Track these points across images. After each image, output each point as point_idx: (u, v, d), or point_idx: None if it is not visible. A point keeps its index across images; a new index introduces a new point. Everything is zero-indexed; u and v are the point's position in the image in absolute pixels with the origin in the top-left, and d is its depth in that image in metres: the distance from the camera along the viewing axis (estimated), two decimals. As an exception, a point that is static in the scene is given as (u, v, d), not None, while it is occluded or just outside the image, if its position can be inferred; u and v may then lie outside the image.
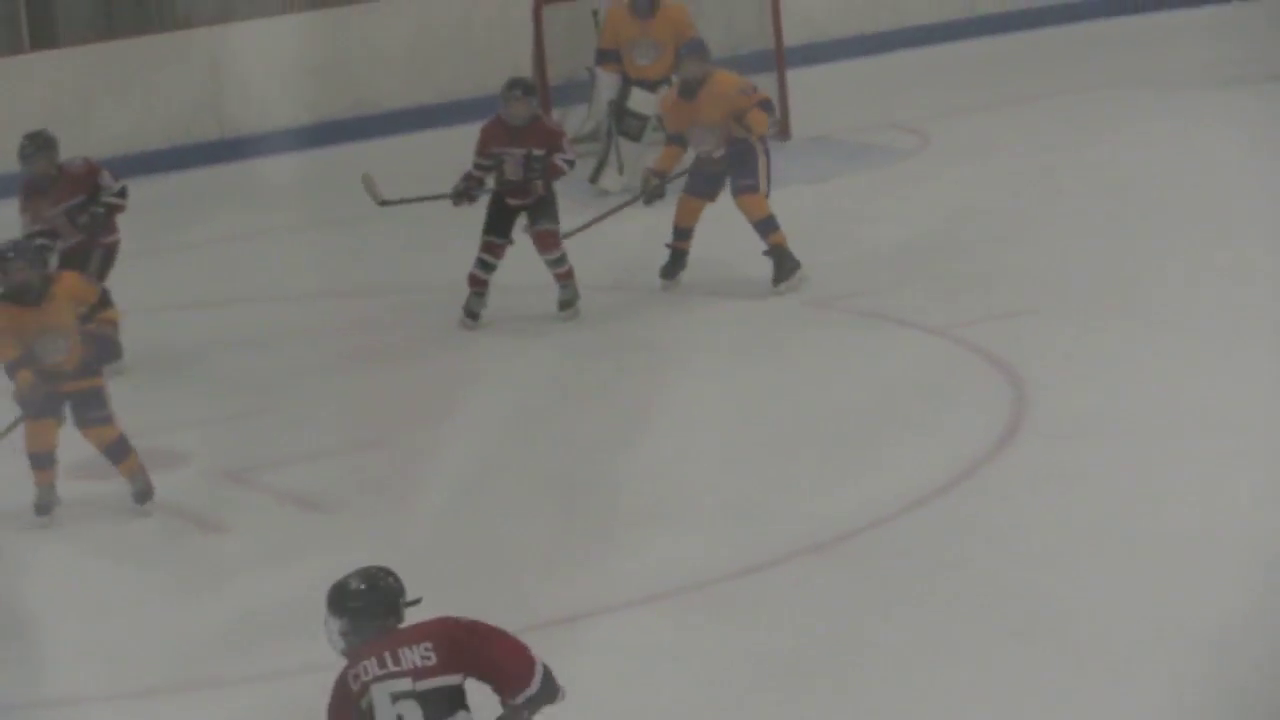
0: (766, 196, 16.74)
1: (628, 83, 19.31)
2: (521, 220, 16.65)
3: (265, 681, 11.19)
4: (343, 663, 8.40)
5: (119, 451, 13.13)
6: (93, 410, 13.15)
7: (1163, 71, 22.80)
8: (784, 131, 20.25)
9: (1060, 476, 12.67)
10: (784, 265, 16.51)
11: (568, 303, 16.55)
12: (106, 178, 16.59)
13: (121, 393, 14.42)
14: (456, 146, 18.51)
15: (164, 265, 19.17)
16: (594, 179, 19.31)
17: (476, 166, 16.57)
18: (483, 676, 8.29)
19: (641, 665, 11.02)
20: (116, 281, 16.12)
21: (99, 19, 23.22)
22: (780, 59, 20.81)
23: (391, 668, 8.26)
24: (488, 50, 22.43)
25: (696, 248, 17.09)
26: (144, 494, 13.15)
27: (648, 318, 16.72)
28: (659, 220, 17.53)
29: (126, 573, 12.98)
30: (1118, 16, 25.05)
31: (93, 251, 16.41)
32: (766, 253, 16.64)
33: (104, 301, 13.41)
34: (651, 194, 17.30)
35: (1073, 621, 10.83)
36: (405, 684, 8.33)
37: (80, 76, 21.91)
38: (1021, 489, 12.65)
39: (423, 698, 8.34)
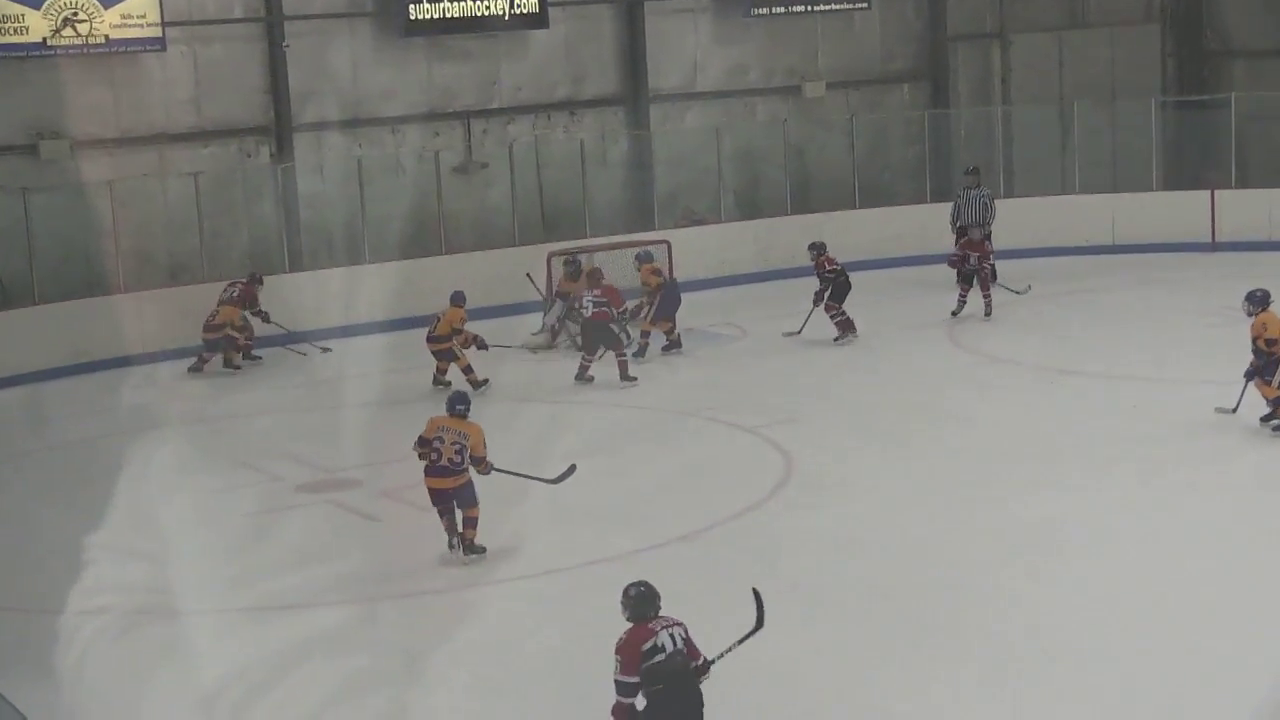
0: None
1: (566, 304, 20.12)
2: None
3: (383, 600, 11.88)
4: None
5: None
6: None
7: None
8: (672, 328, 20.04)
9: (812, 505, 13.56)
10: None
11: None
12: None
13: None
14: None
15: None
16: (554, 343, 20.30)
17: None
18: None
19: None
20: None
21: None
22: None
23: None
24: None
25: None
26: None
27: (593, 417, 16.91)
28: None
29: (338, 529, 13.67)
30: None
31: None
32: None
33: None
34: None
35: (838, 587, 11.35)
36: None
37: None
38: (791, 512, 13.48)
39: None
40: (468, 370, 18.05)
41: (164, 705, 10.01)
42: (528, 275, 21.16)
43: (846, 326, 19.67)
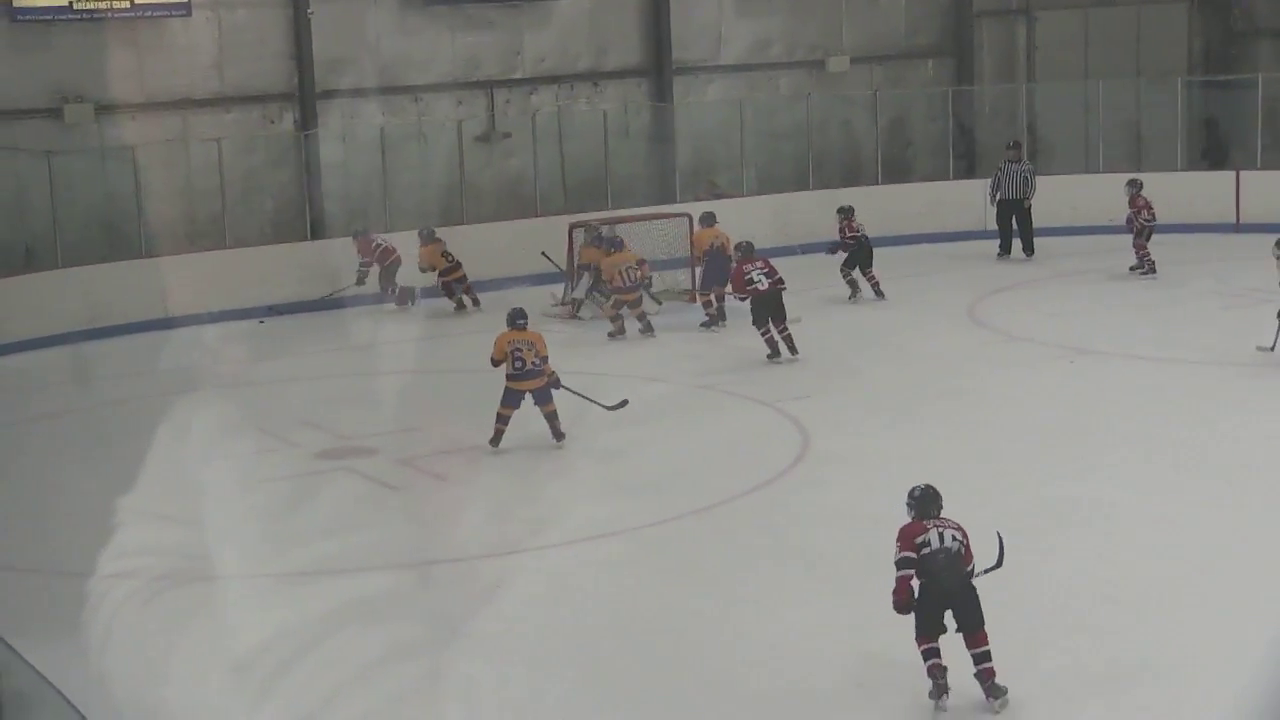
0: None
1: (598, 276, 20.08)
2: None
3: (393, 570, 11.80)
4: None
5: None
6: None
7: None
8: (693, 299, 20.68)
9: (827, 481, 13.51)
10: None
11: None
12: None
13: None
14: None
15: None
16: (576, 314, 20.45)
17: None
18: None
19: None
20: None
21: None
22: (693, 263, 21.01)
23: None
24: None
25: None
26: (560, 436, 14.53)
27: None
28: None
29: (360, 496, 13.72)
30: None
31: None
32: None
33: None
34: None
35: (853, 562, 11.05)
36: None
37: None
38: (806, 487, 13.47)
39: None
40: (642, 316, 19.20)
41: (187, 670, 10.09)
42: (543, 254, 21.22)
43: (854, 286, 20.73)
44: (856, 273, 20.94)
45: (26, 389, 18.34)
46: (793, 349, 17.68)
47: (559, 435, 14.47)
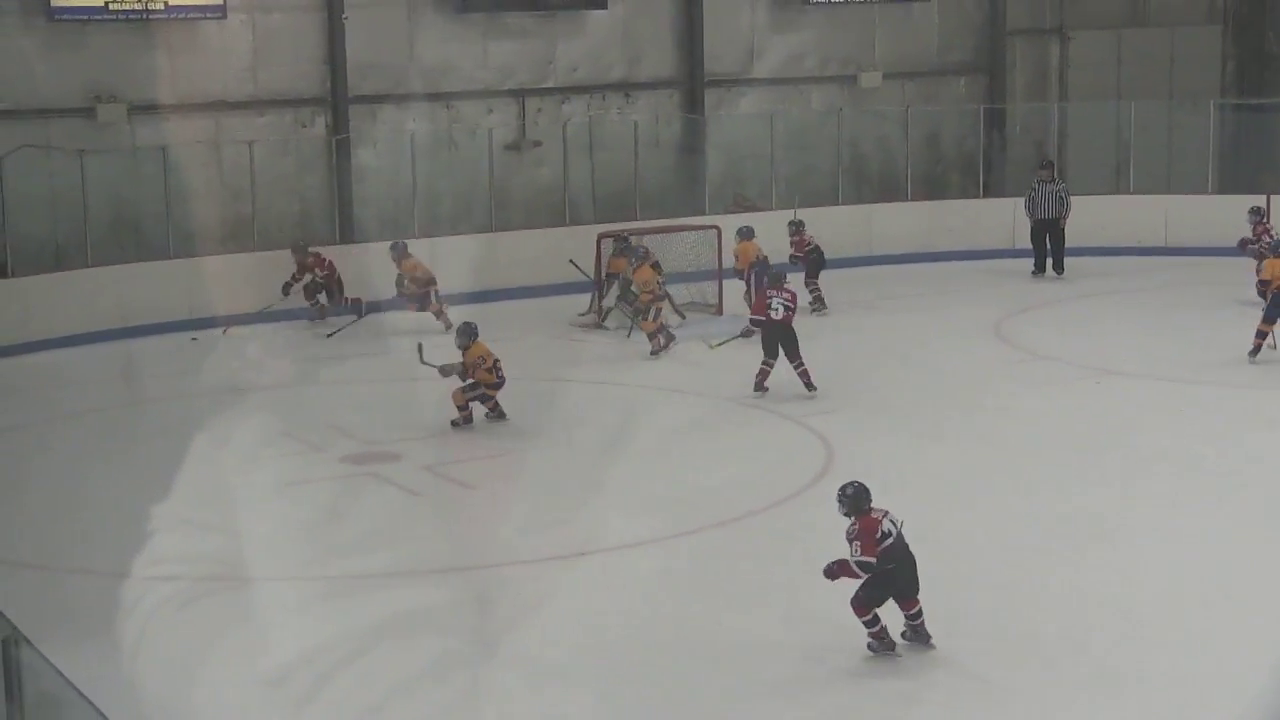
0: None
1: (626, 285, 20.13)
2: None
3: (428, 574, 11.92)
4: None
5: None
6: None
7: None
8: (719, 311, 21.08)
9: None
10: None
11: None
12: None
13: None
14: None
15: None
16: (603, 323, 20.47)
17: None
18: None
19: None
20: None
21: None
22: (719, 276, 21.33)
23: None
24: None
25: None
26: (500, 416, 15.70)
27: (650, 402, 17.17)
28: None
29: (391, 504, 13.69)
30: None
31: None
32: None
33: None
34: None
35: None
36: None
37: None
38: (829, 501, 12.95)
39: None
40: (663, 327, 19.44)
41: (215, 678, 10.08)
42: (571, 261, 21.21)
43: (821, 301, 20.92)
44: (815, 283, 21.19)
45: (56, 387, 18.37)
46: (809, 384, 16.85)
47: (503, 415, 15.66)
